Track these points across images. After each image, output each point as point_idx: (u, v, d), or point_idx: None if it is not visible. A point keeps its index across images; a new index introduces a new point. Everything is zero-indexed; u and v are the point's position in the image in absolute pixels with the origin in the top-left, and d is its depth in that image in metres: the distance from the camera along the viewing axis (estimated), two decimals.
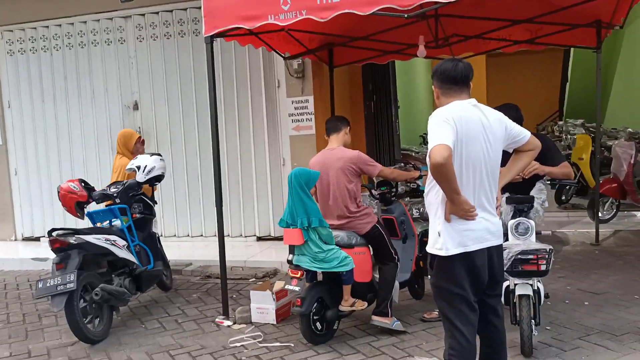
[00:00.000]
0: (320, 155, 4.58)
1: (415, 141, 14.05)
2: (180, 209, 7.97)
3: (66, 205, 5.20)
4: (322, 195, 4.45)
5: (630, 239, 6.72)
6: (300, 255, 4.16)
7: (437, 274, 2.79)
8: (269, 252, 7.10)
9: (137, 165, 5.47)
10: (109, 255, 4.86)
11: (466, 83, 2.80)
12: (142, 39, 7.92)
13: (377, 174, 4.50)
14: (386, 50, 6.90)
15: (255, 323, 4.75)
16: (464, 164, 2.68)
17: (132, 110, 8.05)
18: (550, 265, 3.54)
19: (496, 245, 2.80)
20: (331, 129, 4.57)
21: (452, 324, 2.77)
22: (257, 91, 7.48)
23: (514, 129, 2.85)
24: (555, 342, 3.94)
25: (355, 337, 4.32)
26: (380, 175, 4.56)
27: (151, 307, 5.43)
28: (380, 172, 4.48)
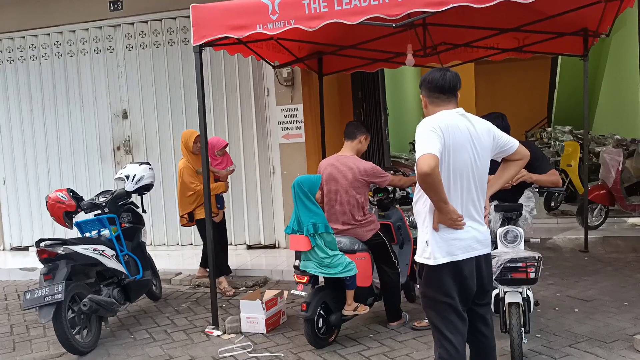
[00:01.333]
0: (333, 160, 4.61)
1: (405, 148, 14.10)
2: (170, 218, 7.93)
3: (54, 215, 5.17)
4: (328, 199, 4.51)
5: (619, 245, 6.76)
6: (306, 261, 4.22)
7: (426, 284, 2.79)
8: (259, 260, 7.08)
9: (126, 174, 5.45)
10: (98, 265, 4.82)
11: (454, 92, 2.82)
12: (131, 47, 7.91)
13: (387, 184, 4.56)
14: (375, 59, 6.92)
15: (245, 333, 4.72)
16: (451, 173, 2.69)
17: (122, 119, 8.02)
18: (540, 273, 3.54)
19: (484, 254, 2.81)
20: (348, 135, 4.62)
21: (441, 334, 2.77)
22: (247, 100, 7.48)
23: (501, 139, 2.86)
24: (545, 349, 3.95)
25: (345, 346, 4.31)
26: (391, 185, 4.63)
27: (140, 317, 5.38)
28: (391, 182, 4.58)
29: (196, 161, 5.69)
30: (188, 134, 5.77)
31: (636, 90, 8.20)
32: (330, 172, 4.50)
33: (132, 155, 7.99)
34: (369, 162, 4.58)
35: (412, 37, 5.69)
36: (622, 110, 10.37)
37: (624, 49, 10.07)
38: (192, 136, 5.68)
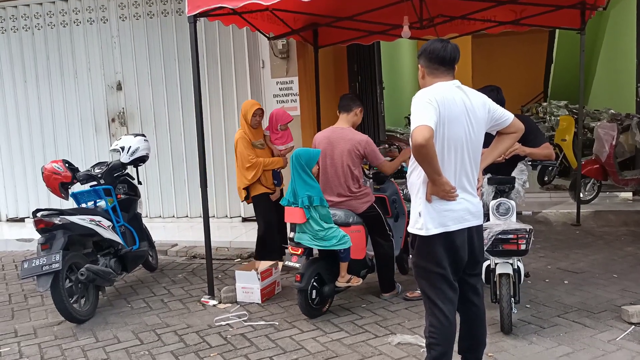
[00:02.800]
0: (329, 131, 4.64)
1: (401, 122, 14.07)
2: (166, 190, 7.95)
3: (50, 186, 5.17)
4: (324, 171, 4.55)
5: (611, 219, 6.84)
6: (301, 233, 4.26)
7: (418, 254, 2.84)
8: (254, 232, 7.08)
9: (121, 146, 5.45)
10: (94, 235, 4.86)
11: (453, 65, 2.82)
12: (125, 18, 7.80)
13: (377, 165, 4.59)
14: (371, 31, 6.87)
15: (240, 302, 4.80)
16: (445, 145, 2.71)
17: (116, 91, 7.97)
18: (530, 245, 3.61)
19: (476, 225, 2.86)
20: (343, 108, 4.64)
21: (432, 302, 2.83)
22: (242, 72, 7.43)
23: (496, 112, 2.88)
24: (534, 319, 4.04)
25: (339, 315, 4.39)
26: (379, 167, 4.64)
27: (137, 287, 5.45)
28: (381, 165, 4.59)
29: (254, 134, 5.40)
30: (248, 105, 5.40)
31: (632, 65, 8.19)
32: (326, 143, 4.54)
33: (127, 127, 7.96)
34: (364, 135, 4.61)
35: (408, 8, 5.65)
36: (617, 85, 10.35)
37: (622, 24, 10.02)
38: (253, 108, 5.32)
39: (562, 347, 3.60)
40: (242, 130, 5.36)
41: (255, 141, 5.42)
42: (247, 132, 5.34)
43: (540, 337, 3.76)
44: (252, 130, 5.36)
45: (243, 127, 5.39)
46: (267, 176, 5.44)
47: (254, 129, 5.37)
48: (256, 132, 5.42)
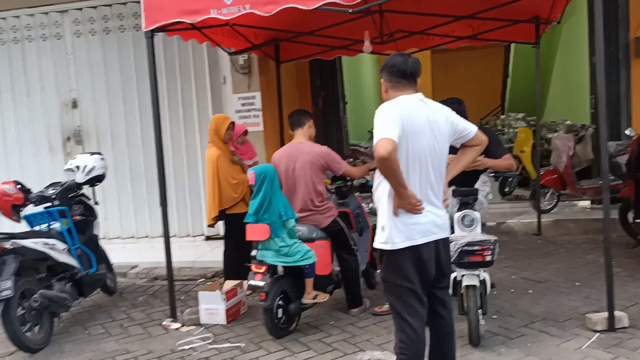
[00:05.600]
0: (288, 148, 4.59)
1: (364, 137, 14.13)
2: (124, 210, 7.72)
3: (1, 208, 4.96)
4: (287, 188, 4.48)
5: (571, 227, 6.97)
6: (264, 250, 4.17)
7: (386, 268, 2.79)
8: (218, 251, 6.90)
9: (76, 165, 5.27)
10: (48, 259, 4.66)
11: (414, 78, 2.82)
12: (80, 34, 7.61)
13: (342, 173, 4.54)
14: (332, 46, 6.89)
15: (204, 324, 4.65)
16: (409, 159, 2.68)
17: (71, 109, 7.73)
18: (495, 256, 3.62)
19: (443, 238, 2.83)
20: (295, 124, 4.60)
21: (401, 318, 2.78)
22: (202, 87, 7.32)
23: (459, 124, 2.88)
24: (501, 330, 4.03)
25: (306, 333, 4.29)
26: (345, 174, 4.59)
27: (95, 312, 5.23)
28: (346, 171, 4.53)
29: (226, 150, 5.23)
30: (220, 120, 5.19)
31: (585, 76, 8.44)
32: (286, 159, 4.48)
33: (84, 145, 7.71)
34: (324, 146, 4.58)
35: (369, 24, 5.68)
36: (572, 96, 10.64)
37: (574, 37, 10.34)
38: (225, 122, 5.13)
39: (529, 357, 3.60)
40: (215, 147, 5.17)
41: (234, 157, 5.30)
42: (222, 147, 5.18)
43: (508, 347, 3.75)
44: (224, 146, 5.21)
45: (215, 143, 5.18)
46: (247, 193, 5.26)
47: (225, 143, 5.23)
48: (226, 148, 5.28)
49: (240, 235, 5.25)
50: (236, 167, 5.29)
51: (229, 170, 5.17)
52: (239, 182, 5.19)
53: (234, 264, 5.30)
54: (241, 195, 5.21)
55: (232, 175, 5.18)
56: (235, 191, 5.19)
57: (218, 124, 5.19)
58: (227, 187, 5.15)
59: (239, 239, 5.26)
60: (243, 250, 5.27)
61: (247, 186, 5.20)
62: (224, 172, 5.13)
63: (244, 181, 5.18)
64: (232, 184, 5.16)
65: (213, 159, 5.13)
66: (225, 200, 5.18)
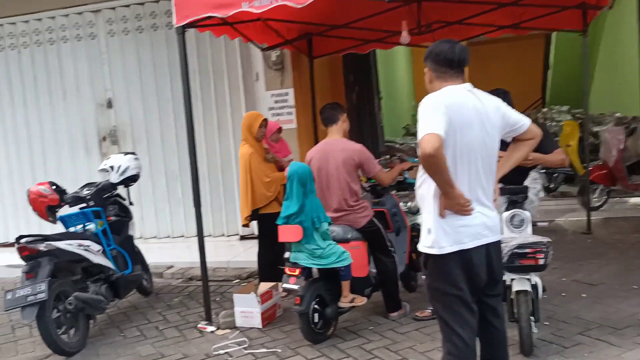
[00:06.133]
0: (321, 146, 4.41)
1: (398, 133, 13.87)
2: (160, 210, 7.69)
3: (37, 209, 4.94)
4: (319, 187, 4.29)
5: (623, 226, 6.59)
6: (297, 252, 4.00)
7: (432, 274, 2.58)
8: (253, 251, 6.78)
9: (110, 165, 5.23)
10: (83, 261, 4.61)
11: (462, 67, 2.60)
12: (114, 33, 7.61)
13: (373, 176, 4.35)
14: (367, 39, 6.69)
15: (239, 328, 4.52)
16: (457, 155, 2.47)
17: (106, 109, 7.75)
18: (549, 259, 3.36)
19: (494, 241, 2.61)
20: (328, 120, 4.40)
21: (449, 328, 2.57)
22: (235, 85, 7.22)
23: (512, 116, 2.65)
24: (555, 338, 3.76)
25: (345, 339, 4.11)
26: (375, 178, 4.40)
27: (130, 313, 5.17)
28: (377, 175, 4.34)
29: (259, 148, 5.10)
30: (253, 117, 5.07)
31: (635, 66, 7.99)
32: (320, 157, 4.29)
33: (119, 145, 7.72)
34: (358, 144, 4.37)
35: (405, 14, 5.46)
36: (620, 87, 10.12)
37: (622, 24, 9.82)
38: (258, 119, 5.00)
39: None
40: (248, 144, 5.05)
41: (267, 155, 5.15)
42: (254, 145, 5.05)
43: (564, 357, 3.49)
44: (256, 144, 5.08)
45: (248, 140, 5.06)
46: (281, 192, 5.13)
47: (258, 141, 5.09)
48: (260, 146, 5.14)
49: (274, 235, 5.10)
50: (269, 165, 5.15)
51: (262, 168, 5.04)
52: (272, 181, 5.06)
53: (268, 265, 5.16)
54: (274, 194, 5.08)
55: (265, 173, 5.05)
56: (269, 190, 5.06)
57: (250, 120, 5.06)
58: (260, 186, 5.02)
59: (273, 239, 5.11)
60: (277, 251, 5.16)
61: (280, 185, 5.08)
62: (256, 170, 5.01)
63: (277, 179, 5.06)
64: (265, 183, 5.03)
65: (246, 157, 5.01)
66: (259, 199, 5.05)
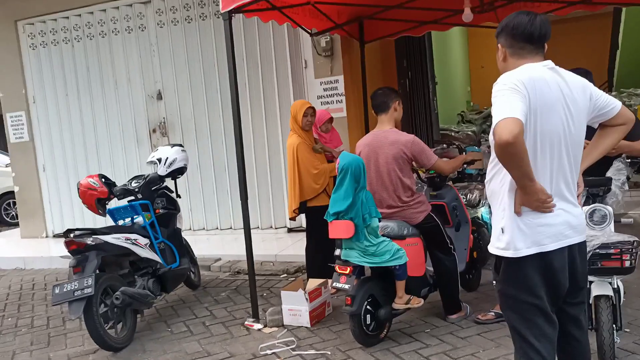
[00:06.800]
0: (370, 137, 4.09)
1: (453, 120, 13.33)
2: (208, 202, 7.61)
3: (86, 202, 4.91)
4: (369, 182, 3.97)
5: None
6: (348, 250, 3.73)
7: (505, 280, 2.26)
8: (301, 244, 6.60)
9: (158, 157, 5.11)
10: (131, 255, 4.53)
11: (543, 42, 2.24)
12: (163, 24, 7.54)
13: (431, 167, 4.01)
14: (422, 21, 6.30)
15: (287, 326, 4.32)
16: (539, 142, 2.13)
17: (156, 100, 7.70)
18: (636, 261, 2.96)
19: (579, 242, 2.25)
20: (379, 107, 4.06)
21: (524, 340, 2.24)
22: (283, 73, 7.01)
23: (600, 98, 2.27)
24: (638, 348, 3.36)
25: (399, 342, 3.82)
26: (434, 169, 4.05)
27: (178, 307, 5.07)
28: (435, 166, 3.98)
29: (307, 138, 4.88)
30: (298, 106, 4.87)
31: None
32: (369, 150, 3.97)
33: (168, 137, 7.68)
34: (410, 134, 4.01)
35: None
36: None
37: None
38: (303, 107, 4.79)
39: None
40: (296, 134, 4.85)
41: (316, 145, 4.92)
42: (302, 135, 4.84)
43: None
44: (304, 133, 4.85)
45: (295, 130, 4.86)
46: (330, 184, 4.89)
47: (305, 131, 4.87)
48: (308, 135, 4.91)
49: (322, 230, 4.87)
50: (318, 156, 4.90)
51: (310, 159, 4.81)
52: (320, 172, 4.82)
53: (316, 261, 4.93)
54: (323, 187, 4.84)
55: (314, 164, 4.82)
56: (317, 182, 4.83)
57: (296, 109, 4.85)
58: (307, 178, 4.80)
59: (322, 234, 4.89)
60: (326, 246, 4.91)
61: (329, 177, 4.84)
62: (304, 162, 4.79)
63: (326, 171, 4.83)
64: (312, 174, 4.80)
65: (293, 147, 4.80)
66: (306, 192, 4.83)
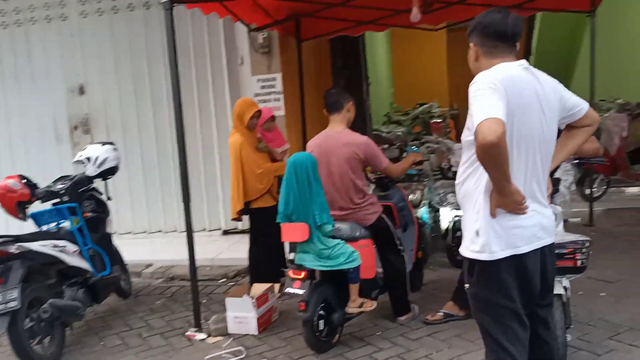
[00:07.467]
0: (322, 138, 3.98)
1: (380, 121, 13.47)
2: (137, 203, 7.21)
3: (5, 206, 4.46)
4: None
5: (625, 217, 6.37)
6: (302, 253, 3.61)
7: (479, 283, 2.23)
8: (237, 247, 6.42)
9: (87, 156, 4.75)
10: (58, 263, 4.15)
11: (515, 41, 2.24)
12: (86, 14, 7.06)
13: (382, 170, 3.97)
14: (360, 21, 6.28)
15: (232, 335, 4.12)
16: (515, 143, 2.11)
17: (78, 95, 7.21)
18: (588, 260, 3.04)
19: (549, 244, 2.27)
20: (332, 107, 3.96)
21: (497, 344, 2.23)
22: (219, 70, 6.76)
23: (570, 99, 2.30)
24: (584, 344, 3.47)
25: (353, 347, 3.75)
26: (385, 172, 4.02)
27: (110, 318, 4.73)
28: (387, 170, 3.96)
29: (251, 136, 4.73)
30: (246, 105, 4.69)
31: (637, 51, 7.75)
32: (320, 152, 3.86)
33: (92, 135, 7.20)
34: (364, 136, 3.98)
35: None
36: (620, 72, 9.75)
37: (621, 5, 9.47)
38: (251, 110, 4.63)
39: None
40: (239, 133, 4.67)
41: (259, 144, 4.76)
42: (245, 133, 4.67)
43: None
44: (248, 133, 4.69)
45: (238, 128, 4.68)
46: (274, 185, 4.77)
47: (249, 130, 4.71)
48: (251, 134, 4.75)
49: (267, 232, 4.75)
50: (262, 155, 4.76)
51: (254, 158, 4.65)
52: (264, 172, 4.68)
53: (260, 265, 4.78)
54: (267, 187, 4.70)
55: (258, 164, 4.66)
56: (261, 182, 4.68)
57: (243, 109, 4.66)
58: (251, 178, 4.64)
59: (267, 236, 4.76)
60: (271, 249, 4.78)
61: (274, 177, 4.71)
62: (248, 161, 4.62)
63: (271, 171, 4.69)
64: (257, 174, 4.65)
65: (236, 146, 4.61)
66: (250, 192, 4.67)
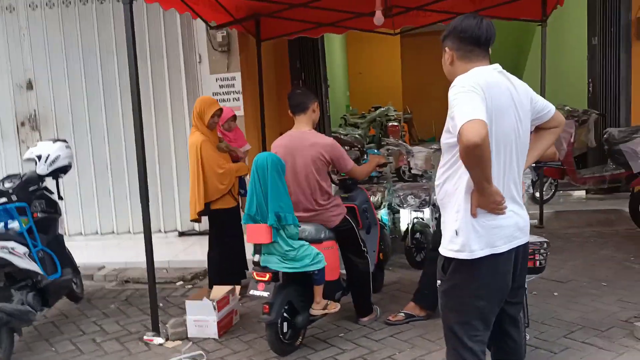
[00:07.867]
0: (287, 138, 3.94)
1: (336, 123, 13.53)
2: (87, 203, 6.97)
3: None
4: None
5: (573, 219, 6.62)
6: (267, 255, 3.55)
7: (455, 281, 2.27)
8: (194, 249, 6.32)
9: (38, 154, 4.53)
10: (6, 266, 3.94)
11: (488, 46, 2.31)
12: (36, 6, 6.79)
13: (347, 172, 3.98)
14: (320, 22, 6.28)
15: (192, 339, 4.03)
16: (493, 145, 2.16)
17: (26, 90, 6.91)
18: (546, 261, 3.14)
19: (524, 243, 2.34)
20: (297, 108, 3.92)
21: (459, 342, 2.28)
22: (176, 68, 6.63)
23: (539, 102, 2.39)
24: (541, 342, 3.57)
25: (316, 350, 3.73)
26: (350, 174, 4.02)
27: (61, 323, 4.54)
28: (352, 172, 3.98)
29: (212, 135, 4.63)
30: (206, 103, 4.57)
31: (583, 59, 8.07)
32: (285, 153, 3.83)
33: (40, 132, 6.92)
34: (329, 137, 3.98)
35: None
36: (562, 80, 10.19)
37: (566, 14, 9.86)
38: (212, 108, 4.52)
39: None
40: (199, 131, 4.56)
41: (220, 143, 4.67)
42: (206, 132, 4.56)
43: None
44: (208, 132, 4.59)
45: (198, 127, 4.57)
46: (235, 185, 4.71)
47: (209, 129, 4.61)
48: (212, 134, 4.66)
49: (228, 233, 4.68)
50: (223, 155, 4.67)
51: (215, 158, 4.55)
52: (226, 172, 4.59)
53: (220, 267, 4.69)
54: (228, 187, 4.62)
55: (219, 164, 4.57)
56: (222, 182, 4.58)
57: (203, 107, 4.55)
58: (212, 178, 4.54)
59: (227, 237, 4.70)
60: (232, 251, 4.72)
61: (235, 177, 4.65)
62: (209, 161, 4.51)
63: (232, 171, 4.62)
64: (218, 174, 4.55)
65: (196, 145, 4.50)
66: (211, 193, 4.57)
